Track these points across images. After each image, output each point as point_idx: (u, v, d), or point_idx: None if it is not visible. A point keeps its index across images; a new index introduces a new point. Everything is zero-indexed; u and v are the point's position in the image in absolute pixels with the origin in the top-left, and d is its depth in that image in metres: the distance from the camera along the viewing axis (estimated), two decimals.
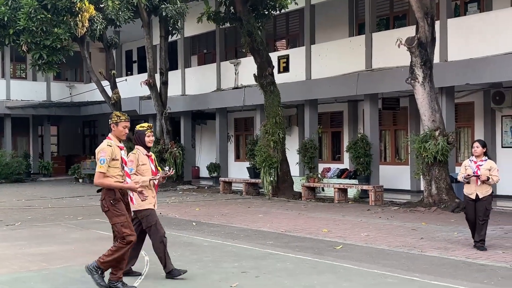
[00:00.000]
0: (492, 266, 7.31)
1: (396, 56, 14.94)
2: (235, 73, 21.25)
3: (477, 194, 8.29)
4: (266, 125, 17.02)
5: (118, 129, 6.14)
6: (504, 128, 15.77)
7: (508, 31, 13.74)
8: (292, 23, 21.56)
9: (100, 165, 5.92)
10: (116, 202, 5.99)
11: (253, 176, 18.79)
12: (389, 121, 18.90)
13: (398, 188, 17.65)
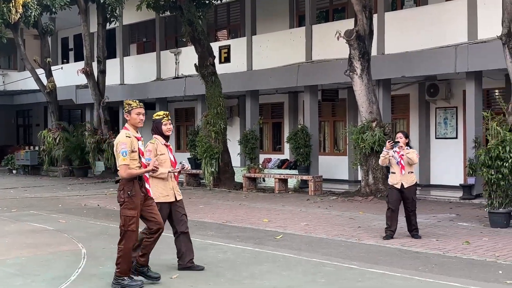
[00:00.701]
0: (426, 254, 7.57)
1: (336, 49, 15.17)
2: (175, 63, 21.02)
3: (402, 184, 8.49)
4: (207, 115, 16.94)
5: (132, 117, 5.97)
6: (438, 119, 16.32)
7: (442, 25, 14.19)
8: (233, 14, 21.50)
9: (123, 157, 5.78)
10: (133, 195, 5.86)
11: (194, 167, 18.66)
12: (328, 112, 19.20)
13: (337, 178, 17.99)
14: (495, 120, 10.62)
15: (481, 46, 13.21)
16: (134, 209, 5.84)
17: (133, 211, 5.83)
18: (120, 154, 5.77)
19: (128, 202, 5.83)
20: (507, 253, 7.45)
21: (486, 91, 15.13)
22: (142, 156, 6.00)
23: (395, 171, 8.56)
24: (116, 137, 6.12)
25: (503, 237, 8.61)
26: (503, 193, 9.65)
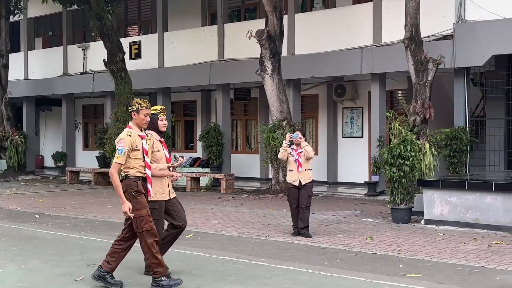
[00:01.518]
0: (332, 249, 7.79)
1: (248, 48, 15.29)
2: (83, 58, 20.36)
3: (300, 181, 8.68)
4: (116, 112, 16.55)
5: (139, 117, 5.77)
6: (345, 119, 16.86)
7: (350, 28, 14.66)
8: (144, 9, 21.13)
9: (118, 155, 5.62)
10: (138, 195, 5.67)
11: (102, 165, 18.19)
12: (240, 111, 19.32)
13: (249, 176, 18.15)
14: (397, 120, 11.13)
15: (385, 49, 13.78)
16: (143, 208, 5.66)
17: (142, 210, 5.65)
18: (117, 151, 5.66)
19: (134, 203, 5.64)
20: (407, 248, 7.82)
21: (390, 92, 15.80)
22: (146, 155, 5.81)
23: (293, 168, 8.67)
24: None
25: (404, 232, 9.02)
26: (405, 190, 10.11)
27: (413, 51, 11.55)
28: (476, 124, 13.63)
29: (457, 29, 12.65)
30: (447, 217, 9.47)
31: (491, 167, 13.03)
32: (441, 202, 9.55)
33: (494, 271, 6.47)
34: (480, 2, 12.38)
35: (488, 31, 12.23)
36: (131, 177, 5.71)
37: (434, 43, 12.93)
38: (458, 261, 6.95)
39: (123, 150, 5.62)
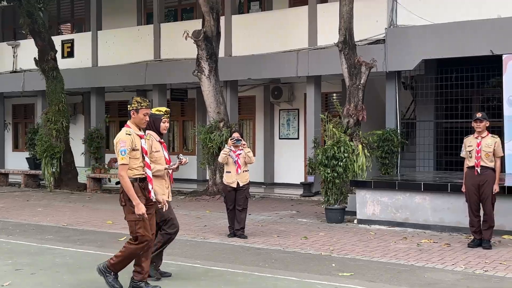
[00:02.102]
0: (267, 250, 7.84)
1: (184, 48, 15.16)
2: (13, 56, 19.62)
3: (238, 183, 8.67)
4: (48, 112, 16.05)
5: (138, 116, 5.55)
6: (282, 121, 17.01)
7: (286, 30, 14.81)
8: (78, 7, 20.60)
9: (122, 156, 5.40)
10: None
11: (33, 167, 17.58)
12: (177, 112, 19.13)
13: (186, 178, 18.00)
14: (332, 122, 11.33)
15: (320, 52, 14.01)
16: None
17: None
18: (119, 153, 5.42)
19: (130, 206, 5.43)
20: (340, 247, 7.96)
21: (325, 95, 16.07)
22: (146, 155, 5.60)
23: (231, 170, 8.64)
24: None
25: (338, 232, 9.19)
26: (338, 191, 10.31)
27: (347, 54, 11.80)
28: (406, 126, 14.08)
29: (389, 34, 13.02)
30: (379, 216, 9.72)
31: (421, 168, 13.48)
32: (373, 202, 9.79)
33: (423, 268, 6.68)
34: (411, 8, 12.78)
35: (419, 36, 12.65)
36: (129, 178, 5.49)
37: (367, 47, 13.25)
38: (389, 260, 7.13)
39: (125, 150, 5.41)
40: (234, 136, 8.72)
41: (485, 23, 11.88)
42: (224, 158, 8.63)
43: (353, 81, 11.82)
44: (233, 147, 8.63)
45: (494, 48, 11.65)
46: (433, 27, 12.47)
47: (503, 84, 11.22)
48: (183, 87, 17.64)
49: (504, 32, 11.65)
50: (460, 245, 7.96)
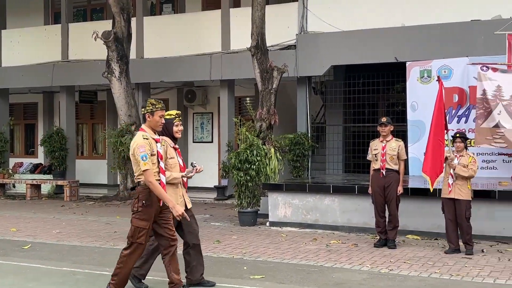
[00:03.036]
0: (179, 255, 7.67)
1: (94, 49, 14.75)
2: None
3: None
4: None
5: (154, 119, 5.33)
6: (195, 124, 16.94)
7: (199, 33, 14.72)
8: None
9: (144, 162, 5.18)
10: (148, 205, 5.28)
11: None
12: (86, 114, 18.59)
13: (96, 183, 17.51)
14: (245, 126, 11.41)
15: (233, 56, 14.08)
16: (146, 220, 5.30)
17: (145, 222, 5.29)
18: (140, 159, 5.19)
19: (142, 212, 5.28)
20: (252, 250, 8.02)
21: (239, 99, 16.17)
22: (161, 160, 5.39)
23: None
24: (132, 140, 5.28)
25: (250, 235, 9.25)
26: (251, 194, 10.39)
27: (259, 59, 11.94)
28: (317, 130, 14.43)
29: (300, 40, 13.30)
30: (290, 218, 9.89)
31: (331, 170, 13.86)
32: (284, 204, 9.95)
33: (331, 269, 6.85)
34: (321, 15, 13.12)
35: (328, 42, 13.01)
36: (143, 185, 5.31)
37: (279, 52, 13.46)
38: (299, 261, 7.26)
39: (146, 155, 5.21)
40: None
41: (390, 31, 12.41)
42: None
43: (265, 85, 11.98)
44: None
45: (398, 56, 12.19)
46: (342, 34, 12.87)
47: (407, 90, 11.75)
48: (92, 89, 17.15)
49: (407, 40, 12.21)
50: (367, 245, 8.24)
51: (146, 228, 5.32)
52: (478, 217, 8.28)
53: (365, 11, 12.89)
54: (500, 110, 10.29)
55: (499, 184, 9.45)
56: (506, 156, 10.87)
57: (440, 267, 6.83)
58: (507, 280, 6.17)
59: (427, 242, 8.43)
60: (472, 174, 7.52)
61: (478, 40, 11.41)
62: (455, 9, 11.99)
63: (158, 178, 5.35)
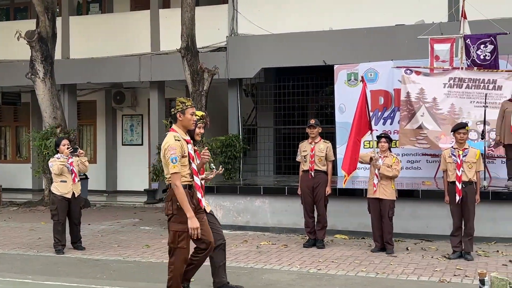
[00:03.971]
0: (106, 261, 7.55)
1: (17, 49, 14.18)
2: None
3: (73, 193, 8.17)
4: None
5: (186, 117, 5.12)
6: (125, 126, 16.60)
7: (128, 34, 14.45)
8: None
9: (173, 164, 4.95)
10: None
11: None
12: (9, 116, 17.85)
13: (20, 188, 16.83)
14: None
15: (163, 58, 13.90)
16: (184, 222, 5.00)
17: (183, 225, 5.01)
18: (169, 161, 4.96)
19: (178, 215, 5.02)
20: None
21: (169, 100, 15.91)
22: (193, 161, 5.18)
23: (67, 179, 8.14)
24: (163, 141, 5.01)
25: None
26: None
27: (190, 61, 11.85)
28: (248, 132, 14.47)
29: (230, 42, 13.30)
30: (221, 221, 9.71)
31: (262, 172, 13.93)
32: (215, 206, 9.89)
33: (261, 270, 6.87)
34: (251, 17, 13.18)
35: (258, 45, 13.08)
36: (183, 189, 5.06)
37: (210, 54, 13.41)
38: (229, 263, 7.20)
39: (177, 157, 4.98)
40: (65, 143, 8.25)
41: (318, 35, 12.61)
42: (62, 168, 8.13)
43: (196, 87, 11.90)
44: (65, 156, 8.16)
45: (327, 59, 12.41)
46: (272, 37, 12.97)
47: (335, 93, 11.97)
48: (16, 91, 16.50)
49: (335, 43, 12.45)
50: (296, 246, 8.32)
51: (185, 231, 5.05)
52: (403, 216, 8.54)
53: (294, 14, 13.05)
54: (423, 112, 10.67)
55: (423, 184, 9.79)
56: (429, 156, 11.27)
57: (367, 265, 6.99)
58: (430, 277, 6.38)
59: (355, 241, 8.61)
60: (396, 174, 7.74)
61: (402, 44, 11.78)
62: (381, 13, 12.33)
63: (191, 180, 5.19)
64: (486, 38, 10.26)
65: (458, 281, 6.15)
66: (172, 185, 5.02)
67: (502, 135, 9.27)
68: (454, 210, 7.32)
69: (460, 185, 7.18)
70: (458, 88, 10.48)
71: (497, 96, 10.16)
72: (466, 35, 10.38)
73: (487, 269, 6.39)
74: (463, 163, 7.20)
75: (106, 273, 6.82)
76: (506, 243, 8.18)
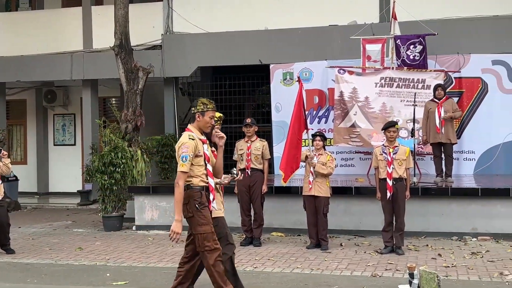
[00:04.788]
0: (37, 264, 7.32)
1: None
2: None
3: None
4: None
5: (204, 119, 5.05)
6: (56, 126, 16.10)
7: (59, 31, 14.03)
8: None
9: (182, 163, 4.84)
10: (202, 207, 4.91)
11: None
12: None
13: None
14: (109, 128, 11.06)
15: (96, 55, 13.59)
16: (207, 224, 4.90)
17: (206, 227, 4.90)
18: (180, 159, 4.87)
19: (198, 217, 4.88)
20: (117, 255, 7.77)
21: (103, 99, 15.63)
22: (208, 162, 5.04)
23: None
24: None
25: (115, 240, 8.98)
26: (116, 198, 10.10)
27: (124, 59, 11.63)
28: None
29: (165, 40, 13.15)
30: (157, 221, 9.74)
31: None
32: (151, 207, 9.78)
33: None
34: (186, 16, 13.08)
35: (194, 43, 13.00)
36: (194, 187, 4.93)
37: (145, 52, 13.22)
38: (165, 264, 7.16)
39: (187, 156, 4.85)
40: None
41: (254, 34, 12.66)
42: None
43: (130, 86, 11.70)
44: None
45: (262, 58, 12.48)
46: (207, 36, 12.92)
47: (271, 92, 12.08)
48: None
49: (271, 43, 12.53)
50: None
51: (209, 231, 4.92)
52: (337, 212, 8.71)
53: (230, 13, 13.05)
54: (356, 111, 10.92)
55: (356, 181, 10.02)
56: (362, 154, 11.55)
57: (302, 262, 7.08)
58: (363, 272, 6.54)
59: (291, 239, 8.71)
60: (330, 171, 7.88)
61: (336, 44, 12.01)
62: (315, 14, 12.50)
63: (207, 181, 5.02)
64: (415, 39, 10.61)
65: (389, 275, 6.34)
66: (175, 182, 4.90)
67: (428, 135, 9.62)
68: (385, 206, 7.53)
69: (391, 182, 7.39)
70: (389, 87, 10.79)
71: (426, 95, 10.51)
72: (396, 36, 10.70)
73: (417, 263, 6.62)
74: (393, 161, 7.41)
75: (37, 277, 6.62)
76: (435, 237, 8.49)
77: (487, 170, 10.88)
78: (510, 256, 7.18)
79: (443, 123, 9.45)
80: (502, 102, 10.92)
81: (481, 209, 8.48)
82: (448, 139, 9.55)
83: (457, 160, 10.62)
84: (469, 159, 11.05)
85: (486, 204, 8.46)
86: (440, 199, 8.66)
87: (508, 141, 10.82)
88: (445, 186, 9.03)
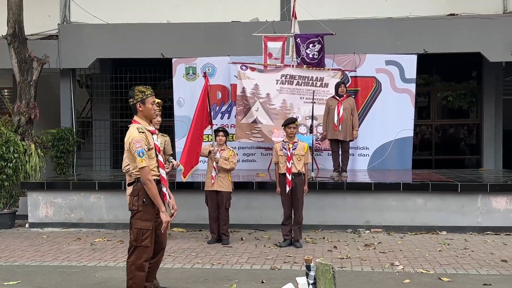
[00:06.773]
0: None
1: None
2: None
3: None
4: None
5: (146, 107, 4.89)
6: None
7: None
8: None
9: (141, 158, 4.72)
10: (149, 204, 4.82)
11: None
12: None
13: None
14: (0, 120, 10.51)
15: None
16: (149, 220, 4.84)
17: (148, 223, 4.84)
18: (137, 155, 4.72)
19: (143, 212, 4.82)
20: (8, 254, 7.39)
21: None
22: (159, 153, 4.95)
23: None
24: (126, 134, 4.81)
25: (7, 238, 8.54)
26: (8, 194, 9.62)
27: (17, 48, 11.11)
28: (83, 125, 13.91)
29: (62, 30, 12.63)
30: (52, 218, 9.37)
31: (98, 166, 13.49)
32: (46, 204, 9.39)
33: (94, 268, 6.65)
34: (85, 5, 12.65)
35: (93, 34, 12.58)
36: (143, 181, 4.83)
37: (40, 41, 12.65)
38: (60, 262, 6.91)
39: (143, 150, 4.74)
40: None
41: (156, 27, 12.46)
42: None
43: (24, 77, 11.19)
44: None
45: (164, 52, 12.32)
46: (107, 27, 12.56)
47: (174, 86, 11.97)
48: None
49: (173, 37, 12.41)
50: None
51: (150, 228, 4.86)
52: (239, 207, 8.80)
53: (130, 4, 12.78)
54: (257, 107, 11.08)
55: (257, 176, 10.18)
56: (263, 149, 11.75)
57: (203, 257, 7.10)
58: (262, 265, 6.66)
59: (192, 234, 8.70)
60: (233, 166, 7.95)
61: (238, 41, 12.10)
62: (218, 9, 12.54)
63: (158, 173, 4.92)
64: (314, 38, 10.93)
65: (288, 268, 6.50)
66: (143, 180, 4.78)
67: (327, 131, 9.95)
68: (284, 200, 7.71)
69: (290, 177, 7.58)
70: (289, 84, 11.05)
71: (324, 93, 10.86)
72: (296, 34, 10.96)
73: (314, 255, 6.84)
74: (293, 156, 7.60)
75: None
76: (331, 230, 8.81)
77: (380, 165, 11.45)
78: (400, 248, 7.60)
79: (341, 120, 9.80)
80: (394, 100, 11.51)
81: (374, 202, 8.91)
82: (345, 137, 9.91)
83: (352, 155, 11.06)
84: (363, 154, 11.57)
85: (379, 197, 8.90)
86: (336, 193, 8.99)
87: (400, 137, 11.44)
88: (340, 181, 9.38)
